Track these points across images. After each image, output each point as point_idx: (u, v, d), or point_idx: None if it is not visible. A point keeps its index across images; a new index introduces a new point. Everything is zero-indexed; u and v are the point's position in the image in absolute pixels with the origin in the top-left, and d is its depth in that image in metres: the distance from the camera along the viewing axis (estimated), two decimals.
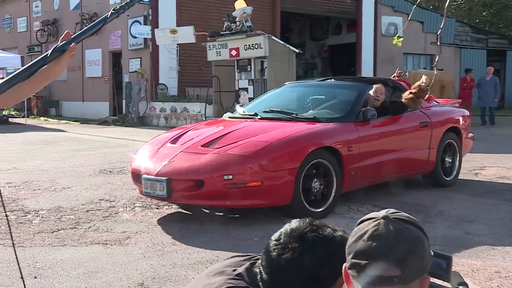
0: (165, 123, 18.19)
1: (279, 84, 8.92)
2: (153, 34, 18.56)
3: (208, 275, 1.82)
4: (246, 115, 6.98)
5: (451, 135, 7.68)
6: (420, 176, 7.61)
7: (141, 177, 5.76)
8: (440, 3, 35.86)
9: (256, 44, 14.28)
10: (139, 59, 20.08)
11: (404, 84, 7.81)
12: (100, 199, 6.65)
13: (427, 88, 7.23)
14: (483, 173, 8.66)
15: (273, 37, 14.99)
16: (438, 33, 5.57)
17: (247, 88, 14.51)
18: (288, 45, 15.25)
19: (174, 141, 6.17)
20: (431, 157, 7.32)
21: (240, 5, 14.57)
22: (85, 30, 1.94)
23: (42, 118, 22.50)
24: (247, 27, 14.61)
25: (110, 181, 7.82)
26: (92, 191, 7.17)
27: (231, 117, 7.23)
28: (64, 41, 1.86)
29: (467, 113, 8.36)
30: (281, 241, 1.65)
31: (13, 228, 5.38)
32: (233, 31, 14.88)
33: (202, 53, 16.69)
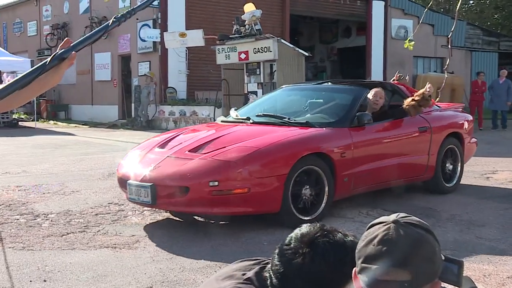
0: (174, 127, 18.20)
1: None
2: (162, 37, 18.57)
3: (217, 279, 1.81)
4: (238, 119, 6.82)
5: (452, 141, 7.47)
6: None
7: (126, 183, 5.62)
8: (451, 5, 35.74)
9: (265, 47, 14.26)
10: (148, 62, 20.15)
11: (403, 88, 7.64)
12: (109, 203, 6.65)
13: (430, 97, 7.13)
14: (494, 177, 8.59)
15: (283, 40, 14.99)
16: (449, 36, 5.54)
17: (256, 91, 14.50)
18: (297, 49, 15.25)
19: (162, 145, 5.99)
20: (431, 163, 7.10)
21: (249, 8, 14.56)
22: (85, 38, 1.86)
23: (51, 121, 22.62)
24: (256, 30, 14.59)
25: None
26: (101, 194, 7.18)
27: (223, 121, 7.06)
28: (63, 49, 1.79)
29: (470, 117, 8.14)
30: (292, 246, 1.64)
31: (23, 231, 5.40)
32: (242, 35, 14.87)
33: (211, 57, 16.71)
